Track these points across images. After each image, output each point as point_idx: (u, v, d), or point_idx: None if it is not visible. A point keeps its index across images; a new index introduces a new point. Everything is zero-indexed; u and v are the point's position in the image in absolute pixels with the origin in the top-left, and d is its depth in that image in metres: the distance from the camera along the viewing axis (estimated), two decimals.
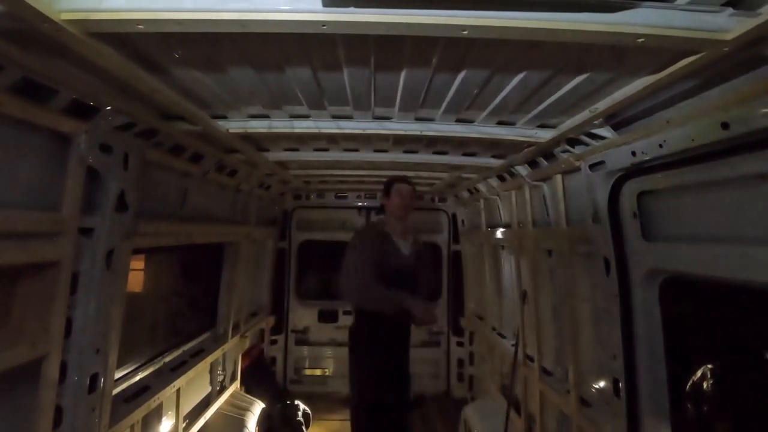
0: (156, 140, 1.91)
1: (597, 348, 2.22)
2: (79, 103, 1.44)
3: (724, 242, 1.35)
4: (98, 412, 1.71)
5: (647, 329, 1.75)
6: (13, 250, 1.29)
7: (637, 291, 1.76)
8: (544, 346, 2.82)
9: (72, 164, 1.48)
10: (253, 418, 3.39)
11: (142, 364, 2.38)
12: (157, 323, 2.94)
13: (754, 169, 1.23)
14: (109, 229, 1.68)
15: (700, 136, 1.32)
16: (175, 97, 1.60)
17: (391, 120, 2.06)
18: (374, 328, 2.55)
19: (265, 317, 4.51)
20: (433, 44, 1.29)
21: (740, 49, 1.06)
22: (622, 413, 1.83)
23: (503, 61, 1.39)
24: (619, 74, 1.40)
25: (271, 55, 1.38)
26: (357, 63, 1.44)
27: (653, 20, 1.02)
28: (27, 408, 1.42)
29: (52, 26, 0.99)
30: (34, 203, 1.38)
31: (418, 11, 1.02)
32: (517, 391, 3.14)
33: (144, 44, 1.27)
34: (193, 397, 2.92)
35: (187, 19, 1.01)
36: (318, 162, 2.95)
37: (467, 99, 1.75)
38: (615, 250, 1.82)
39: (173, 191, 2.39)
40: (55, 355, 1.47)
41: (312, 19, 1.02)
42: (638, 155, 1.60)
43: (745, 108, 1.16)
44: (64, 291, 1.49)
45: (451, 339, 4.90)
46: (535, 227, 2.85)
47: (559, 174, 2.33)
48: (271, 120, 2.04)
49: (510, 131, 2.08)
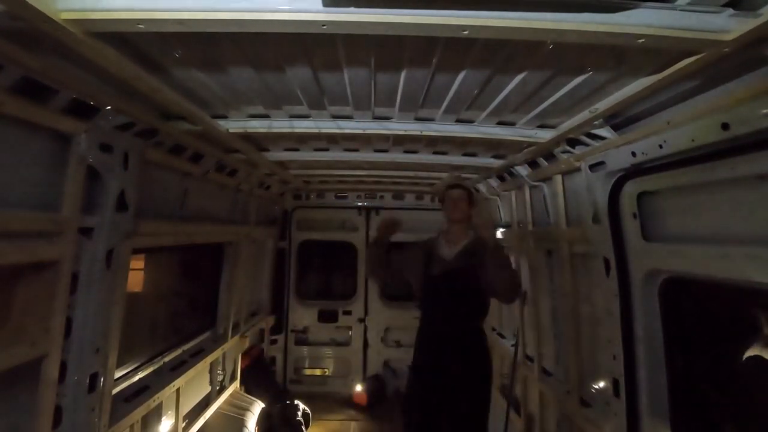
0: (156, 140, 1.91)
1: (597, 348, 2.22)
2: (79, 102, 1.44)
3: (724, 242, 1.35)
4: (98, 411, 1.71)
5: (647, 329, 1.75)
6: (13, 250, 1.29)
7: (637, 291, 1.77)
8: (544, 346, 2.82)
9: (72, 164, 1.48)
10: (253, 418, 3.39)
11: (142, 364, 2.38)
12: (157, 323, 2.94)
13: (754, 169, 1.23)
14: (109, 229, 1.68)
15: (700, 137, 1.32)
16: (175, 96, 1.60)
17: (391, 120, 2.06)
18: (420, 328, 2.60)
19: (265, 317, 4.50)
20: (433, 44, 1.29)
21: (740, 49, 1.06)
22: (621, 413, 1.83)
23: (503, 61, 1.39)
24: (619, 74, 1.40)
25: (271, 55, 1.38)
26: (357, 63, 1.44)
27: (653, 21, 1.02)
28: (27, 407, 1.42)
29: (52, 26, 0.99)
30: (34, 203, 1.38)
31: (418, 11, 1.02)
32: (516, 391, 3.14)
33: (144, 44, 1.27)
34: (192, 397, 2.92)
35: (188, 18, 1.01)
36: (318, 162, 2.95)
37: (467, 99, 1.75)
38: (615, 250, 1.82)
39: (173, 191, 2.39)
40: (55, 355, 1.47)
41: (312, 19, 1.02)
42: (638, 156, 1.60)
43: (745, 108, 1.16)
44: (64, 291, 1.49)
45: None
46: (535, 227, 2.85)
47: (559, 174, 2.33)
48: (271, 120, 2.04)
49: (510, 131, 2.08)
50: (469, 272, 2.38)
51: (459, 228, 2.52)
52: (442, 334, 2.44)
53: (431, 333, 2.51)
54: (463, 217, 2.48)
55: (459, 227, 2.52)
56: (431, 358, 2.46)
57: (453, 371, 2.36)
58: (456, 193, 2.49)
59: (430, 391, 2.43)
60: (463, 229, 2.53)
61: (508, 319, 3.68)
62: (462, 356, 2.39)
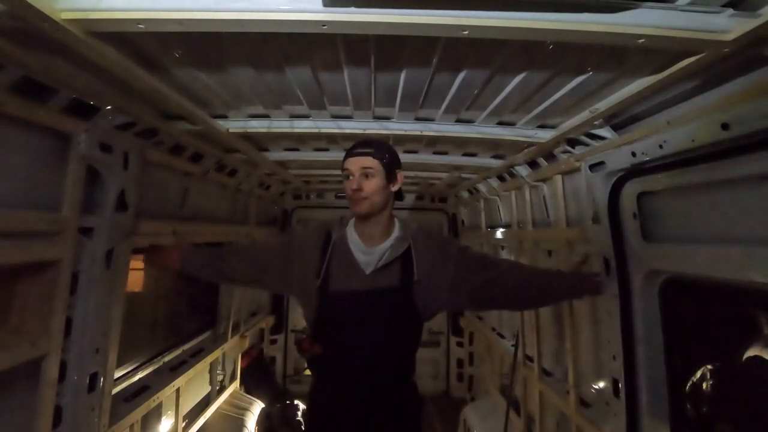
0: (156, 140, 1.91)
1: (596, 348, 2.22)
2: (79, 102, 1.44)
3: (724, 243, 1.35)
4: (98, 411, 1.71)
5: (647, 330, 1.75)
6: (13, 249, 1.29)
7: (637, 291, 1.76)
8: (544, 346, 2.82)
9: (72, 163, 1.48)
10: (253, 418, 3.39)
11: (142, 364, 2.38)
12: (157, 323, 2.94)
13: (754, 169, 1.23)
14: (109, 229, 1.68)
15: (700, 137, 1.32)
16: (175, 96, 1.60)
17: (391, 120, 2.06)
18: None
19: (265, 317, 4.50)
20: (433, 44, 1.29)
21: (740, 49, 1.06)
22: (621, 414, 1.83)
23: (503, 61, 1.39)
24: (619, 74, 1.40)
25: (271, 54, 1.38)
26: (357, 63, 1.44)
27: (653, 21, 1.02)
28: (26, 407, 1.42)
29: (52, 25, 0.99)
30: (34, 203, 1.38)
31: (418, 11, 1.02)
32: (516, 392, 3.14)
33: (144, 44, 1.27)
34: (192, 397, 2.92)
35: (188, 18, 1.01)
36: (318, 162, 2.95)
37: (467, 99, 1.75)
38: (615, 250, 1.82)
39: (173, 191, 2.39)
40: (55, 355, 1.47)
41: (312, 19, 1.02)
42: (638, 156, 1.60)
43: (745, 108, 1.16)
44: (64, 290, 1.49)
45: (451, 339, 4.90)
46: (535, 227, 2.84)
47: (559, 174, 2.33)
48: (271, 120, 2.04)
49: (510, 131, 2.08)
50: (403, 296, 1.52)
51: (375, 221, 1.54)
52: (362, 400, 1.54)
53: (340, 399, 1.57)
54: (374, 207, 1.50)
55: (375, 220, 1.54)
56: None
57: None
58: (356, 164, 1.48)
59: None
60: (382, 222, 1.56)
61: (508, 319, 3.68)
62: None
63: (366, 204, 1.50)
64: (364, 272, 1.53)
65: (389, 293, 1.52)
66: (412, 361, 1.68)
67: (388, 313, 1.52)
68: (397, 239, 1.57)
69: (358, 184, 1.48)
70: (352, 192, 1.49)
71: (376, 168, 1.50)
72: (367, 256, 1.54)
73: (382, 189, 1.52)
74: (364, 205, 1.50)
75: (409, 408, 1.65)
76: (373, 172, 1.50)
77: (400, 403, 1.62)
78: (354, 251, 1.55)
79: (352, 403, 1.55)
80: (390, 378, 1.58)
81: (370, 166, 1.49)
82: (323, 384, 1.65)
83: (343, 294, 1.52)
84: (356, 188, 1.48)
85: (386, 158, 1.53)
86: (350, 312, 1.51)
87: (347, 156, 1.53)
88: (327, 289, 1.52)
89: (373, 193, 1.50)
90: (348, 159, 1.52)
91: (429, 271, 1.55)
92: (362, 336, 1.51)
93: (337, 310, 1.52)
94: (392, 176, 1.56)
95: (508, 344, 3.49)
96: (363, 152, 1.51)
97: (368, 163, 1.49)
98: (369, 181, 1.49)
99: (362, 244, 1.56)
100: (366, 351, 1.51)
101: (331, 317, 1.53)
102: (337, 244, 1.58)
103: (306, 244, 1.63)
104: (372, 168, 1.49)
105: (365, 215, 1.53)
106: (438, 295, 1.56)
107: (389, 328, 1.53)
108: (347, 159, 1.53)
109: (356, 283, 1.52)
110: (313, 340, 1.57)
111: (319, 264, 1.54)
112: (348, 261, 1.55)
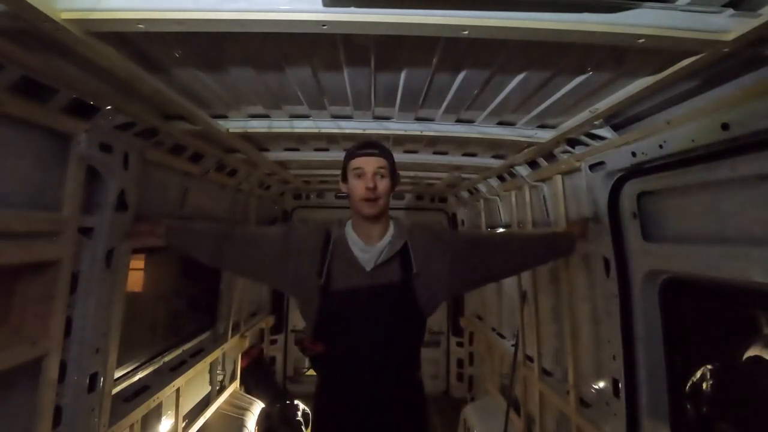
0: (156, 140, 1.91)
1: (597, 348, 2.22)
2: (79, 102, 1.44)
3: (724, 243, 1.35)
4: (98, 411, 1.71)
5: (647, 330, 1.75)
6: (13, 249, 1.29)
7: (637, 291, 1.77)
8: (544, 346, 2.82)
9: (72, 164, 1.48)
10: (253, 418, 3.39)
11: (142, 364, 2.38)
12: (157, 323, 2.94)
13: (754, 169, 1.23)
14: (109, 229, 1.68)
15: (700, 137, 1.32)
16: (176, 96, 1.60)
17: (391, 120, 2.06)
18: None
19: (265, 317, 4.50)
20: (433, 44, 1.29)
21: (740, 49, 1.06)
22: (621, 414, 1.83)
23: (503, 61, 1.39)
24: (619, 74, 1.40)
25: (271, 54, 1.38)
26: (357, 63, 1.44)
27: (653, 21, 1.02)
28: (26, 407, 1.42)
29: (52, 25, 0.99)
30: (34, 203, 1.38)
31: (418, 11, 1.02)
32: (516, 392, 3.14)
33: (144, 44, 1.27)
34: (192, 397, 2.92)
35: (188, 18, 1.01)
36: (318, 162, 2.95)
37: (467, 99, 1.75)
38: (615, 250, 1.82)
39: (173, 191, 2.39)
40: (55, 355, 1.48)
41: (312, 19, 1.02)
42: (638, 156, 1.60)
43: (745, 108, 1.16)
44: (64, 290, 1.49)
45: (451, 339, 4.90)
46: (535, 227, 2.84)
47: (559, 174, 2.33)
48: (271, 120, 2.04)
49: (510, 131, 2.08)
50: (404, 291, 1.53)
51: (378, 221, 1.58)
52: (369, 397, 1.54)
53: (347, 397, 1.56)
54: (384, 207, 1.54)
55: (378, 221, 1.58)
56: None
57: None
58: (371, 164, 1.50)
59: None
60: (382, 221, 1.59)
61: (508, 319, 3.68)
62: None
63: (380, 204, 1.53)
64: (365, 270, 1.53)
65: (390, 289, 1.53)
66: (417, 357, 1.69)
67: (390, 308, 1.52)
68: (394, 236, 1.59)
69: (375, 183, 1.50)
70: (368, 191, 1.49)
71: (387, 169, 1.54)
72: (366, 253, 1.55)
73: (390, 190, 1.57)
74: (378, 206, 1.52)
75: (416, 404, 1.65)
76: (385, 172, 1.53)
77: (407, 399, 1.62)
78: (354, 250, 1.56)
79: (360, 401, 1.55)
80: (396, 374, 1.58)
81: (383, 167, 1.52)
82: (329, 383, 1.64)
83: (346, 292, 1.52)
84: (372, 187, 1.49)
85: (392, 160, 1.58)
86: (353, 309, 1.51)
87: (358, 155, 1.54)
88: (329, 288, 1.52)
89: (385, 194, 1.54)
90: (360, 158, 1.53)
91: (427, 262, 1.57)
92: (366, 333, 1.51)
93: (340, 308, 1.52)
94: (396, 178, 1.61)
95: (508, 344, 3.49)
96: (375, 153, 1.53)
97: (381, 163, 1.52)
98: (382, 182, 1.53)
99: (361, 242, 1.57)
100: (371, 348, 1.51)
101: (333, 315, 1.53)
102: (337, 243, 1.58)
103: (306, 244, 1.62)
104: (384, 168, 1.53)
105: (377, 216, 1.55)
106: (438, 284, 1.58)
107: (392, 323, 1.53)
108: (359, 158, 1.53)
109: (358, 281, 1.52)
110: (315, 339, 1.57)
111: (321, 263, 1.55)
112: (348, 259, 1.55)
